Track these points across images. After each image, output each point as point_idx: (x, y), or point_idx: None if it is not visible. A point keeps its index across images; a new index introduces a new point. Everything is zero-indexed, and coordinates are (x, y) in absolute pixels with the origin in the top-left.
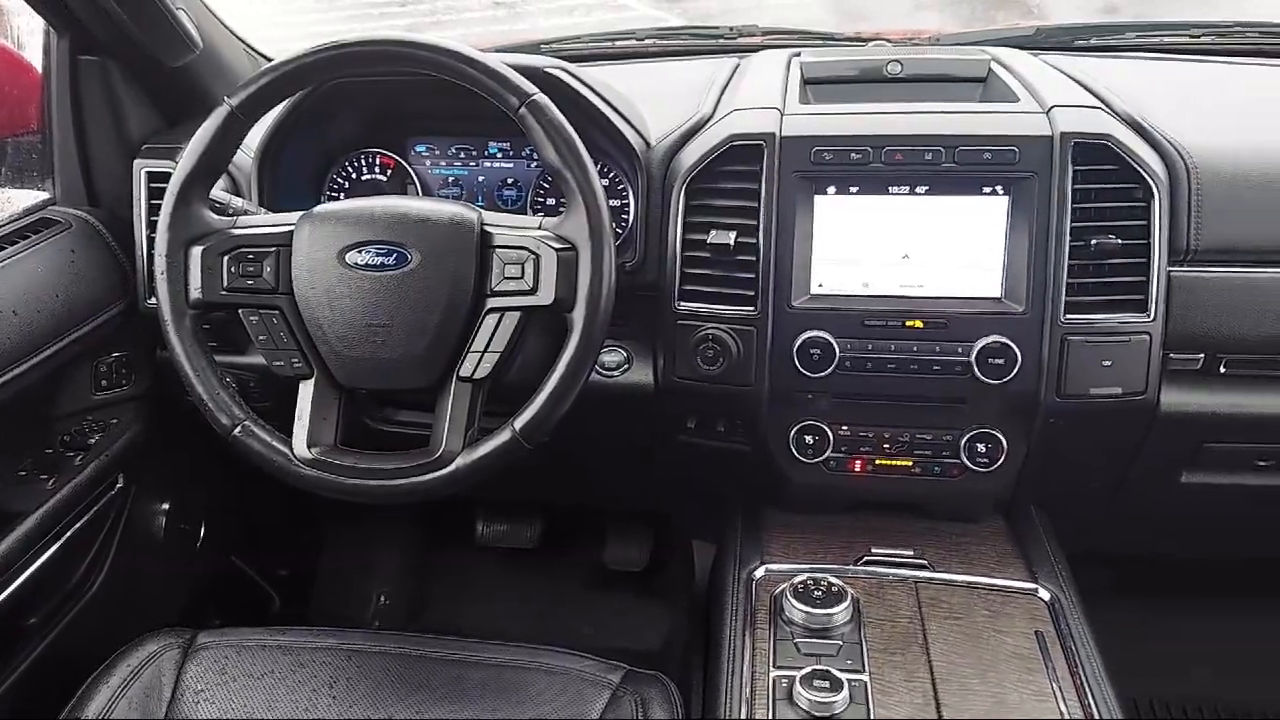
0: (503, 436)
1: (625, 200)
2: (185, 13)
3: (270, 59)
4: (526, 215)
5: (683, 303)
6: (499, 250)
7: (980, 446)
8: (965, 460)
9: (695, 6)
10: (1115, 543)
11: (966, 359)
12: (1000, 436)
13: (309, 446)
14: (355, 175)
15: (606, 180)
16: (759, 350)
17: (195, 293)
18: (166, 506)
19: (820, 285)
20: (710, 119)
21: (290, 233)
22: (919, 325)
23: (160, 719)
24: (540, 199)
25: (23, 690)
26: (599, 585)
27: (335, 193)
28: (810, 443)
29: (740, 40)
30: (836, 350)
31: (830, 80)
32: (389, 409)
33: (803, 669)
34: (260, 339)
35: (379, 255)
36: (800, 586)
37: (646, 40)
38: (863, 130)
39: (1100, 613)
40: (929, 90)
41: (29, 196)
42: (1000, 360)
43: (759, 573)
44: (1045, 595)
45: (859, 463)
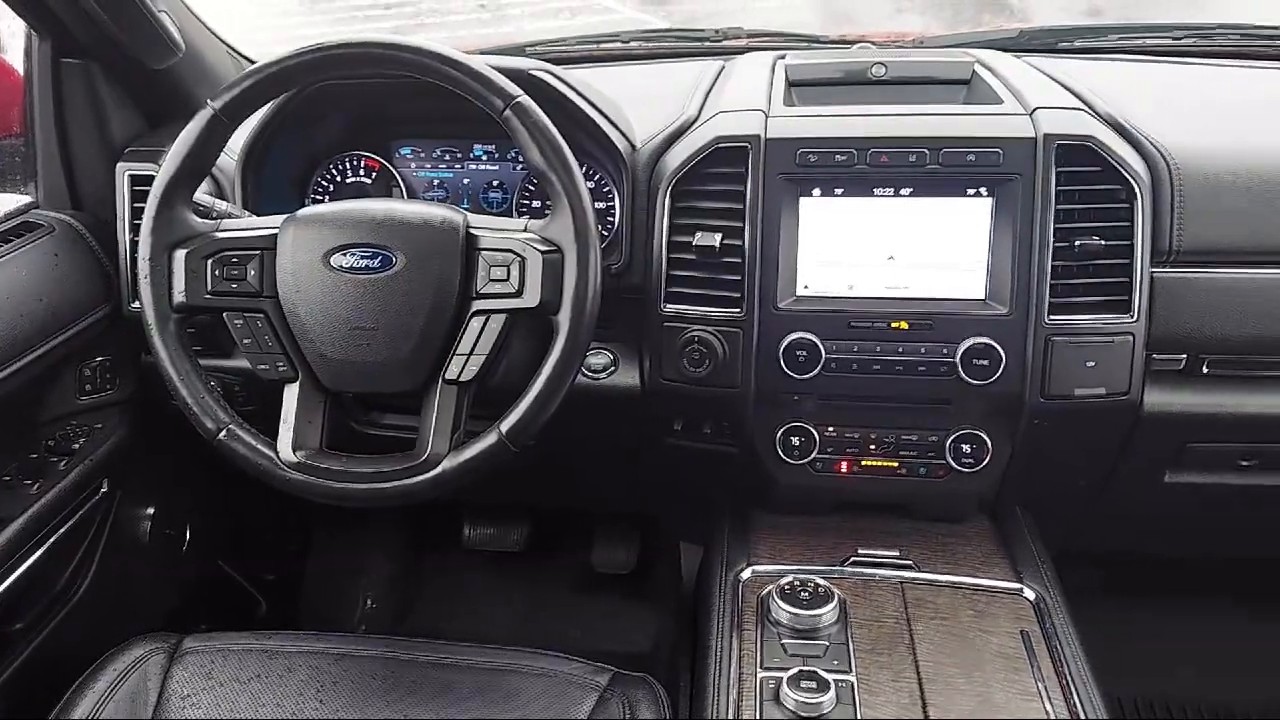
0: (489, 439)
1: (611, 203)
2: (168, 15)
3: (254, 62)
4: (512, 218)
5: (668, 305)
6: (484, 253)
7: (965, 447)
8: (950, 461)
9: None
10: (1100, 542)
11: (951, 360)
12: (985, 437)
13: (294, 450)
14: (340, 178)
15: (592, 183)
16: (745, 352)
17: (179, 296)
18: (152, 511)
19: (806, 287)
20: (695, 121)
21: (274, 235)
22: (904, 327)
23: None
24: (525, 201)
25: (8, 695)
26: (586, 588)
27: (320, 196)
28: (796, 444)
29: (725, 43)
30: (822, 352)
31: (815, 82)
32: (375, 412)
33: (790, 670)
34: (245, 342)
35: (364, 258)
36: (787, 588)
37: (631, 43)
38: (848, 132)
39: (1085, 612)
40: (913, 92)
41: (11, 200)
42: (985, 361)
43: (746, 574)
44: (1030, 595)
45: (845, 464)
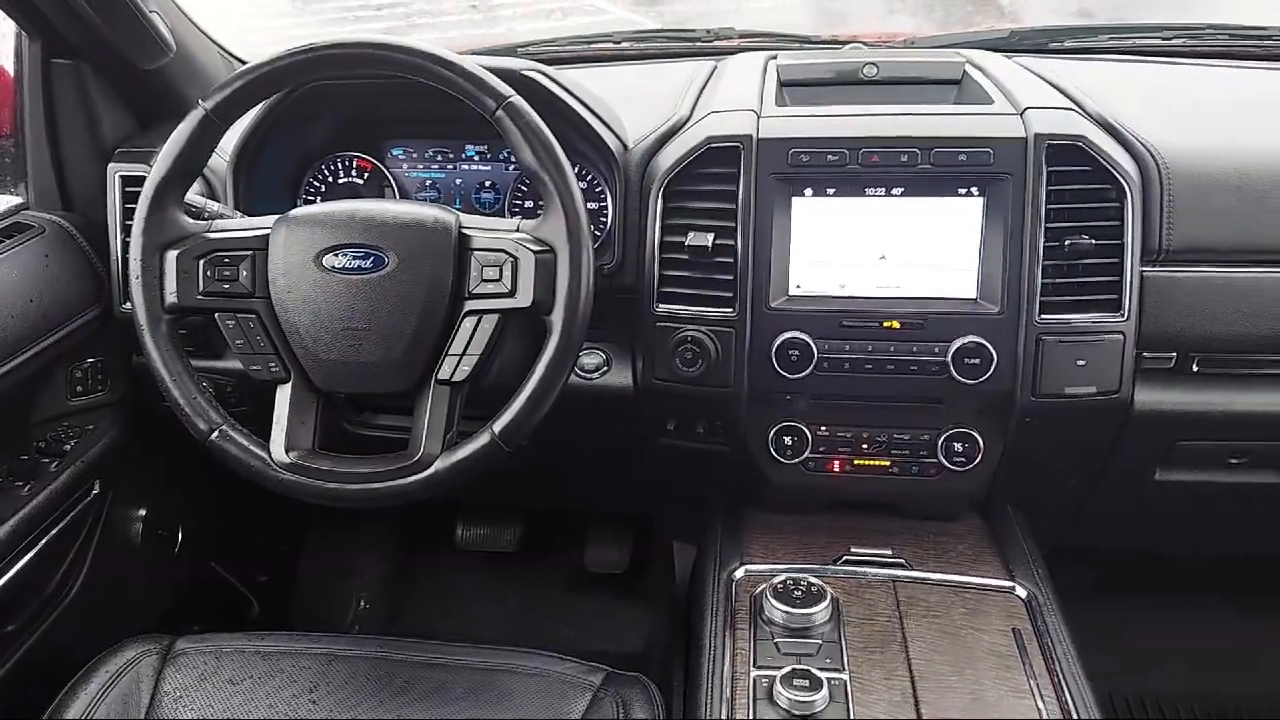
0: (482, 439)
1: (603, 203)
2: (159, 15)
3: (245, 62)
4: (504, 218)
5: (661, 305)
6: (477, 253)
7: (957, 446)
8: (942, 459)
9: (672, 10)
10: (1091, 540)
11: (943, 359)
12: (977, 436)
13: (287, 451)
14: (332, 179)
15: (584, 183)
16: (737, 351)
17: (171, 297)
18: (144, 512)
19: (798, 286)
20: (687, 121)
21: (266, 236)
22: (896, 326)
23: None
24: (518, 201)
25: (0, 696)
26: (580, 588)
27: (311, 196)
28: (789, 443)
29: (717, 43)
30: (815, 351)
31: (807, 83)
32: (367, 413)
33: (783, 668)
34: (237, 343)
35: (356, 258)
36: (780, 586)
37: (623, 43)
38: (839, 132)
39: (1076, 610)
40: (904, 92)
41: (2, 201)
42: (976, 360)
43: (739, 573)
44: (1022, 593)
45: (837, 463)
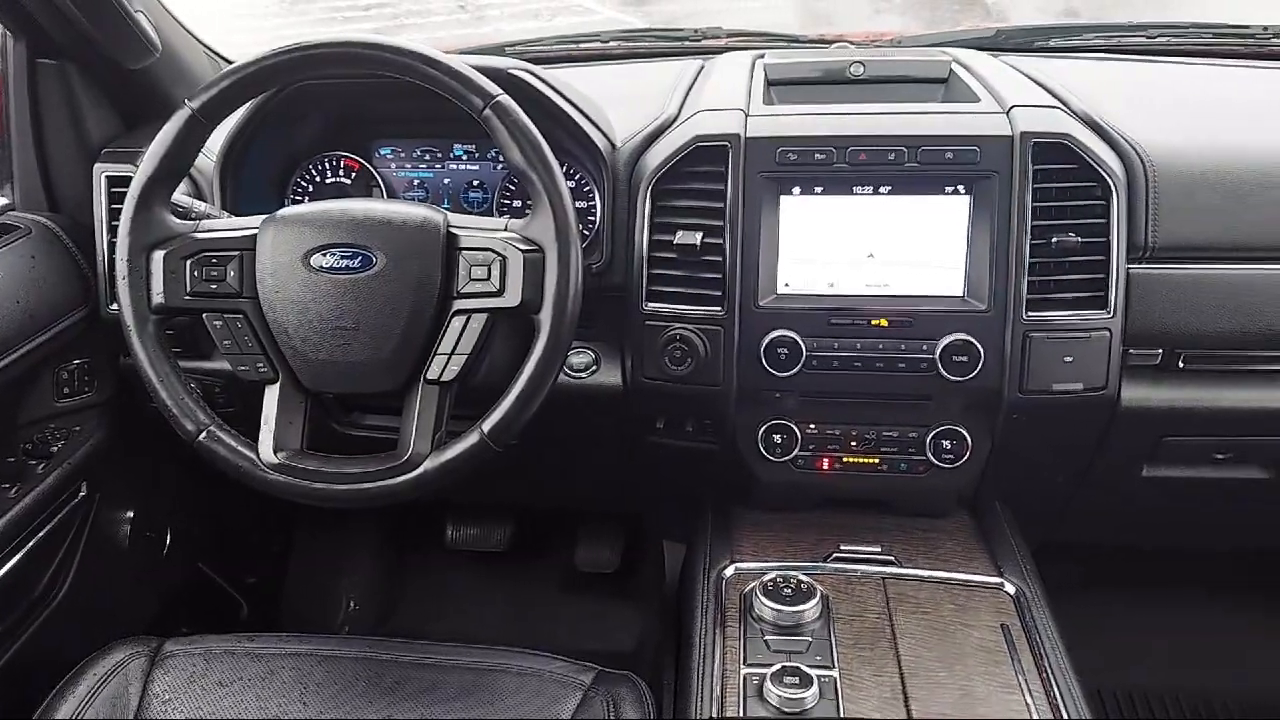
0: (471, 439)
1: (591, 202)
2: (144, 15)
3: (231, 62)
4: (492, 217)
5: (650, 303)
6: (465, 252)
7: (945, 443)
8: (931, 456)
9: (660, 10)
10: (1079, 536)
11: (931, 356)
12: (965, 433)
13: (275, 451)
14: (319, 178)
15: (573, 182)
16: (726, 350)
17: (158, 298)
18: (131, 514)
19: (786, 285)
20: (675, 120)
21: (254, 236)
22: (884, 324)
23: None
24: (506, 201)
25: None
26: (570, 587)
27: (299, 196)
28: (778, 441)
29: (705, 42)
30: (803, 349)
31: (794, 81)
32: (356, 413)
33: (773, 666)
34: (224, 344)
35: (344, 258)
36: (770, 584)
37: (611, 42)
38: (827, 131)
39: (1064, 605)
40: (891, 91)
41: None
42: (964, 358)
43: (729, 571)
44: (1010, 589)
45: (827, 460)
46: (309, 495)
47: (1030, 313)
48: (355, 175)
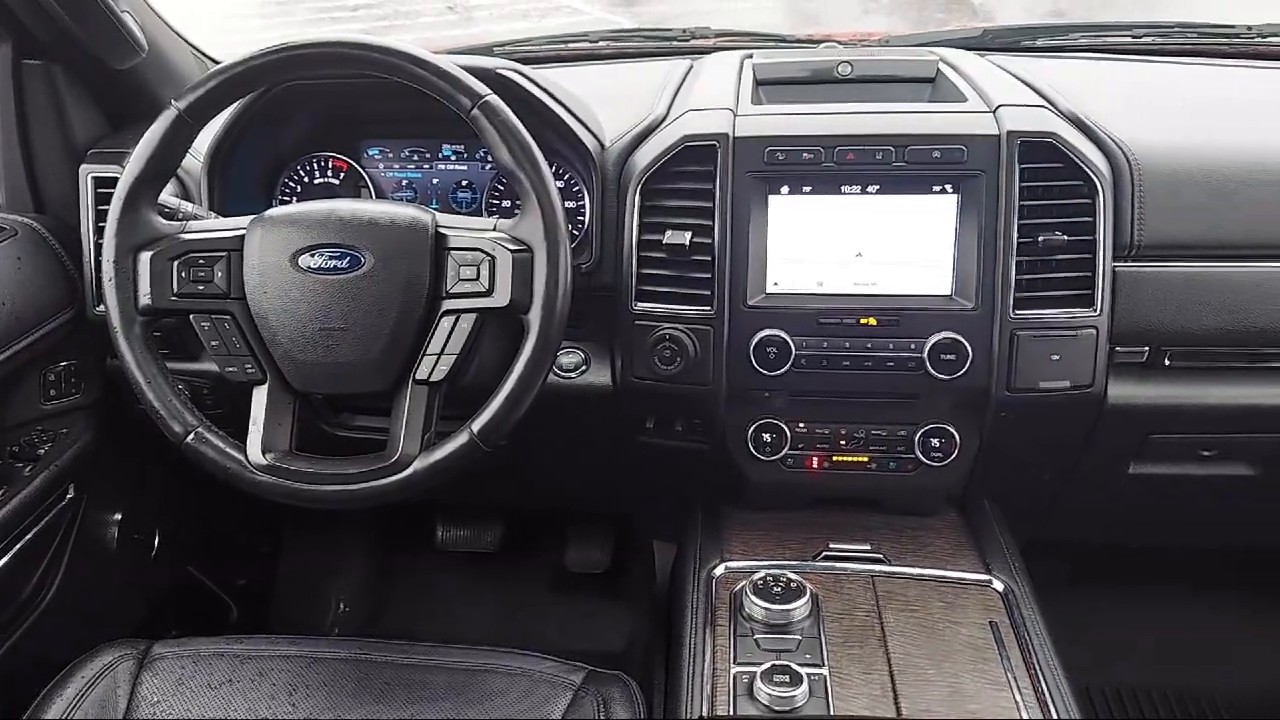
0: (460, 439)
1: (580, 202)
2: (130, 15)
3: (218, 62)
4: (481, 217)
5: (639, 303)
6: (454, 252)
7: (934, 441)
8: (920, 455)
9: (648, 10)
10: (1066, 534)
11: (919, 355)
12: (953, 431)
13: (264, 453)
14: (307, 179)
15: (562, 182)
16: (716, 349)
17: (145, 299)
18: (119, 517)
19: (775, 284)
20: (664, 120)
21: (241, 237)
22: (873, 323)
23: None
24: (495, 201)
25: None
26: (560, 587)
27: (287, 197)
28: (768, 440)
29: (693, 42)
30: (792, 348)
31: (782, 81)
32: (345, 414)
33: (763, 664)
34: (212, 345)
35: (332, 258)
36: (760, 583)
37: (600, 43)
38: (815, 130)
39: (1052, 603)
40: (879, 91)
41: None
42: (952, 356)
43: (719, 570)
44: (999, 586)
45: (816, 459)
46: (297, 496)
47: (1017, 311)
48: (343, 176)
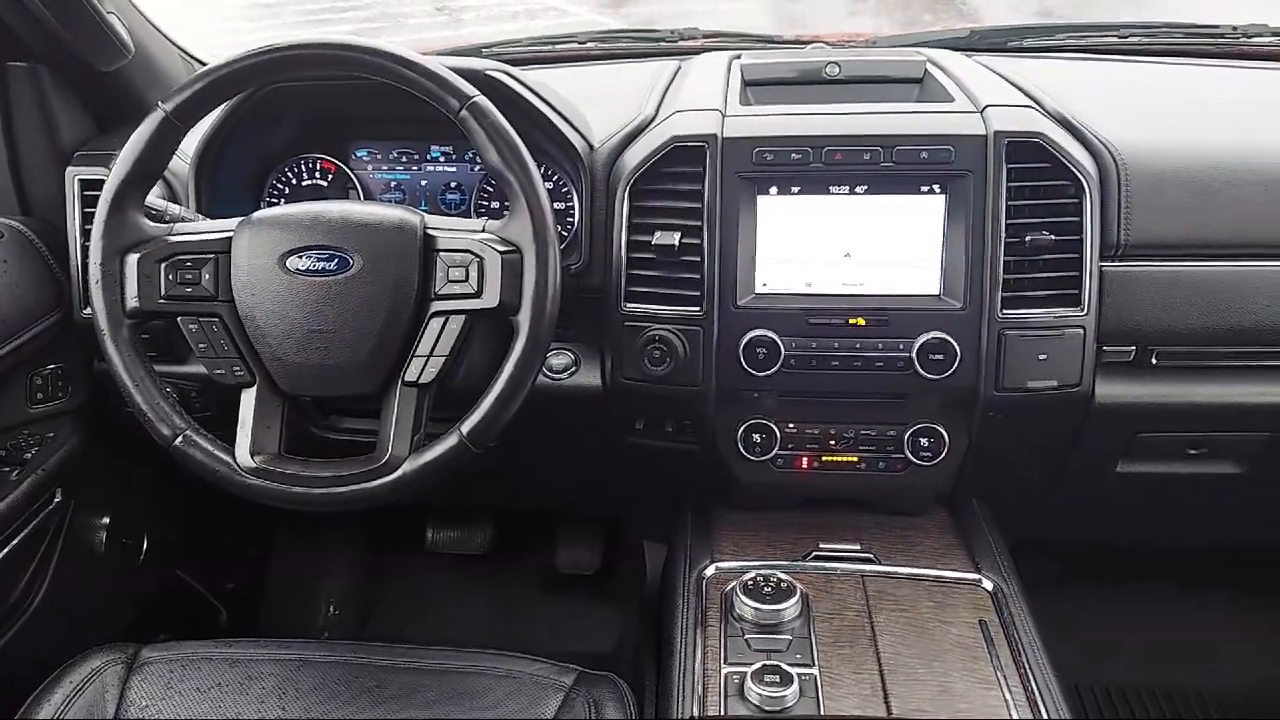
0: (450, 441)
1: (570, 203)
2: (116, 17)
3: (205, 64)
4: (470, 218)
5: (629, 304)
6: (442, 254)
7: (923, 440)
8: (909, 454)
9: (636, 12)
10: (1055, 532)
11: (908, 355)
12: (942, 430)
13: (252, 455)
14: (295, 181)
15: (550, 183)
16: (705, 350)
17: (132, 301)
18: (107, 520)
19: (764, 285)
20: (653, 121)
21: (229, 239)
22: (861, 323)
23: None
24: (484, 202)
25: None
26: (551, 589)
27: (275, 199)
28: (758, 441)
29: (681, 43)
30: (782, 349)
31: (771, 82)
32: (334, 416)
33: (753, 665)
34: (200, 347)
35: (320, 260)
36: (750, 583)
37: (588, 44)
38: (803, 131)
39: (1041, 601)
40: (867, 91)
41: None
42: (940, 356)
43: (709, 571)
44: (988, 585)
45: (806, 459)
46: (287, 499)
47: (1005, 311)
48: (331, 177)
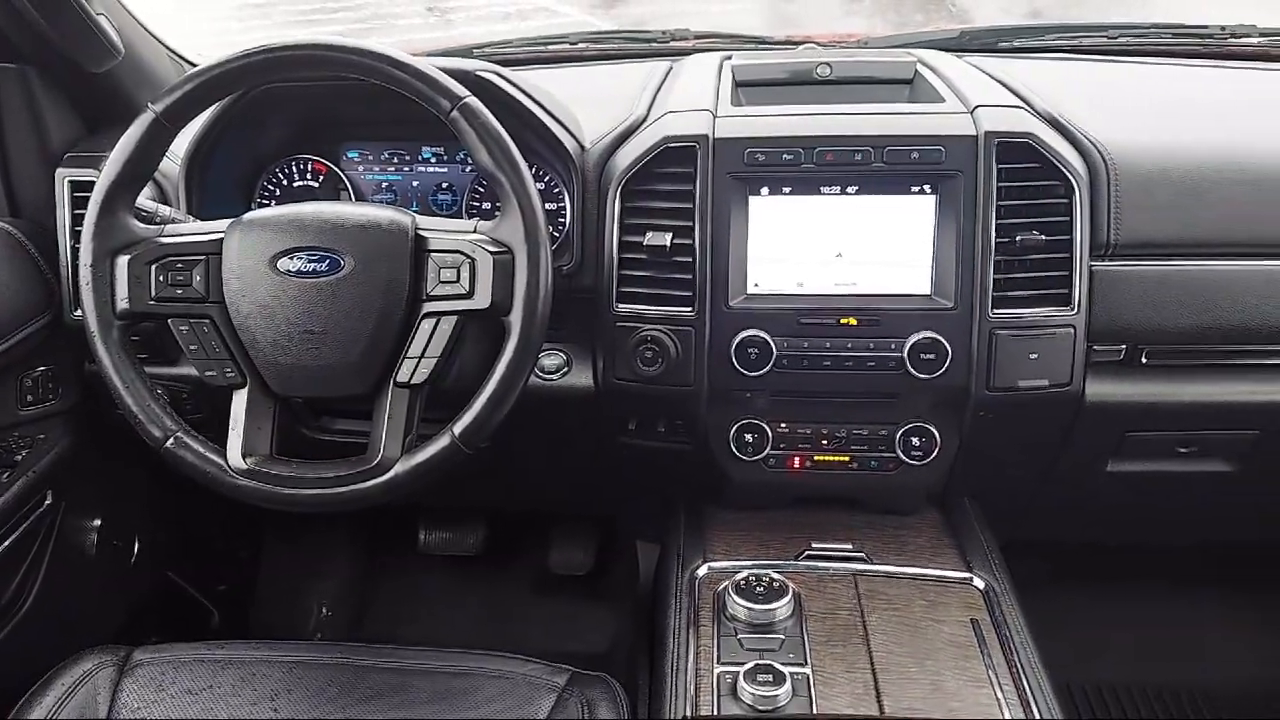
0: (442, 442)
1: (561, 204)
2: (106, 18)
3: (195, 65)
4: (461, 219)
5: (621, 305)
6: (434, 254)
7: (915, 440)
8: (900, 454)
9: (628, 13)
10: (1046, 531)
11: (899, 354)
12: (933, 430)
13: (244, 456)
14: (286, 182)
15: (542, 184)
16: (697, 350)
17: (122, 303)
18: (98, 523)
19: (756, 285)
20: (644, 121)
21: (220, 240)
22: (853, 323)
23: None
24: (475, 203)
25: None
26: (544, 590)
27: (266, 200)
28: (750, 441)
29: (673, 44)
30: (773, 349)
31: (762, 83)
32: (325, 418)
33: (746, 664)
34: (191, 349)
35: (311, 261)
36: (742, 583)
37: (579, 44)
38: (794, 131)
39: (1032, 600)
40: (858, 92)
41: None
42: (931, 355)
43: (702, 571)
44: (980, 584)
45: (798, 459)
46: (278, 500)
47: (996, 310)
48: (322, 178)
